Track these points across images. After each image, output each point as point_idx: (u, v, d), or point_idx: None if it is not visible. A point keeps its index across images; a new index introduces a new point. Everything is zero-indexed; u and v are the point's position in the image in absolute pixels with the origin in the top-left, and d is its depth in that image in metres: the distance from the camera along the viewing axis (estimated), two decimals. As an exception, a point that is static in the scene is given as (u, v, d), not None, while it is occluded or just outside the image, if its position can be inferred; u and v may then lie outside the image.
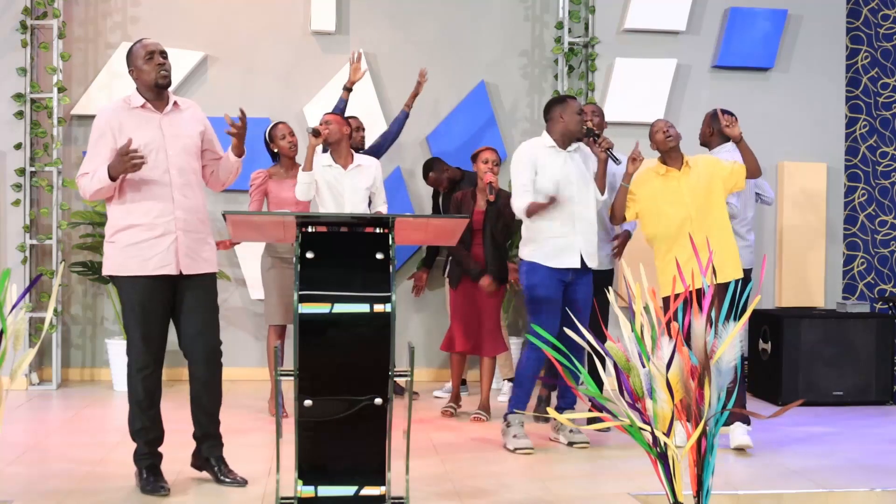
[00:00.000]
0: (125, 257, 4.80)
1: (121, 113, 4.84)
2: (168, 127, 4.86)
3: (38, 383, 7.81)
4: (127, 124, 4.79)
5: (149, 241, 4.77)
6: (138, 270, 4.78)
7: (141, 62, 4.84)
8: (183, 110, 4.97)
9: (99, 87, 8.05)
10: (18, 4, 7.70)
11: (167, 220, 4.79)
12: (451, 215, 6.68)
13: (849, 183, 8.71)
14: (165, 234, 4.78)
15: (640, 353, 4.00)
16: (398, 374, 4.15)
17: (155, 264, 4.77)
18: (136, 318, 4.81)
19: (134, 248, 4.78)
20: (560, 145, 6.01)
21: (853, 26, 8.72)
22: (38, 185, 7.80)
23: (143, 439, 4.91)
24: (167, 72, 4.84)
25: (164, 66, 4.83)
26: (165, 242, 4.77)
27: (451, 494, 4.94)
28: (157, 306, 4.83)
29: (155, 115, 4.87)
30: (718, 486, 4.78)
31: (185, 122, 4.94)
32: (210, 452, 5.05)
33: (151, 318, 4.82)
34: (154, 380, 4.89)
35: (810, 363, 7.55)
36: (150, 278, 4.78)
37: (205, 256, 4.92)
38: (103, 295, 8.13)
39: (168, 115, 4.89)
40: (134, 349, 4.85)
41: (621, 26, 8.36)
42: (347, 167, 6.59)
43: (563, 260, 5.91)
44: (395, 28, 8.39)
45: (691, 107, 8.33)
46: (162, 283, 4.82)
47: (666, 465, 3.95)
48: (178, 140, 4.86)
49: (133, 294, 4.81)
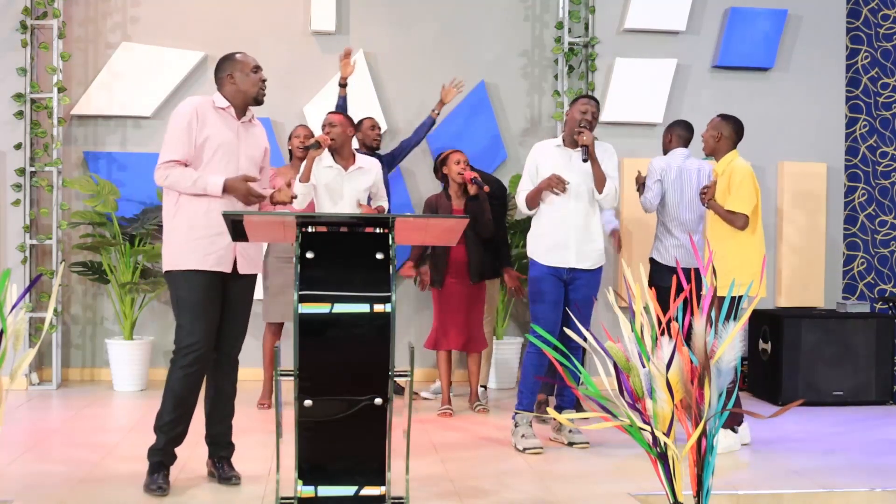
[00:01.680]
0: (185, 250, 4.87)
1: (206, 109, 4.98)
2: (243, 135, 5.03)
3: (38, 383, 7.81)
4: (209, 121, 4.93)
5: (210, 237, 4.87)
6: (198, 265, 4.86)
7: (245, 73, 5.02)
8: (255, 126, 5.15)
9: (99, 87, 8.05)
10: (18, 4, 7.70)
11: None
12: (450, 215, 6.70)
13: (849, 183, 8.71)
14: (225, 233, 4.77)
15: (640, 353, 4.00)
16: (398, 374, 4.15)
17: (213, 260, 4.87)
18: (192, 313, 4.86)
19: (195, 243, 4.86)
20: (567, 145, 6.02)
21: (853, 26, 8.72)
22: (38, 185, 7.80)
23: (165, 436, 4.92)
24: (264, 90, 5.08)
25: (265, 83, 5.07)
26: (225, 241, 4.83)
27: (450, 494, 4.94)
28: (213, 303, 4.90)
29: (234, 121, 5.03)
30: (718, 486, 4.79)
31: (256, 136, 5.13)
32: (216, 452, 5.10)
33: (209, 315, 4.89)
34: (196, 379, 4.91)
35: (810, 363, 7.55)
36: (208, 274, 4.87)
37: (255, 258, 5.08)
38: (103, 295, 8.13)
39: (244, 125, 5.07)
40: (184, 344, 4.86)
41: (621, 26, 8.36)
42: (348, 169, 6.59)
43: (555, 258, 5.93)
44: (395, 28, 8.39)
45: (691, 107, 8.34)
46: (216, 281, 4.91)
47: (666, 465, 3.95)
48: (248, 149, 5.03)
49: (188, 290, 4.86)
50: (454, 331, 7.01)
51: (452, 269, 6.98)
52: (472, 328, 7.07)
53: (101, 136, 8.15)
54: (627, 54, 8.34)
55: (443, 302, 7.06)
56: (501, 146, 8.40)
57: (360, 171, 6.61)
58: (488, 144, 8.31)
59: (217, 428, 5.09)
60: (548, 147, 6.07)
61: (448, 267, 6.99)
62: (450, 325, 7.02)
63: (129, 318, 7.74)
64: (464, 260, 6.97)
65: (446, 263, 6.99)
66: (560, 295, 5.94)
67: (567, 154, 6.00)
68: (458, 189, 6.98)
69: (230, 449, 5.14)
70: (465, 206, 6.93)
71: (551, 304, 5.91)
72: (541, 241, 5.98)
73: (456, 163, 6.95)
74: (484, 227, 6.93)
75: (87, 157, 8.08)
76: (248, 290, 5.07)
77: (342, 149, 6.61)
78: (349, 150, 6.65)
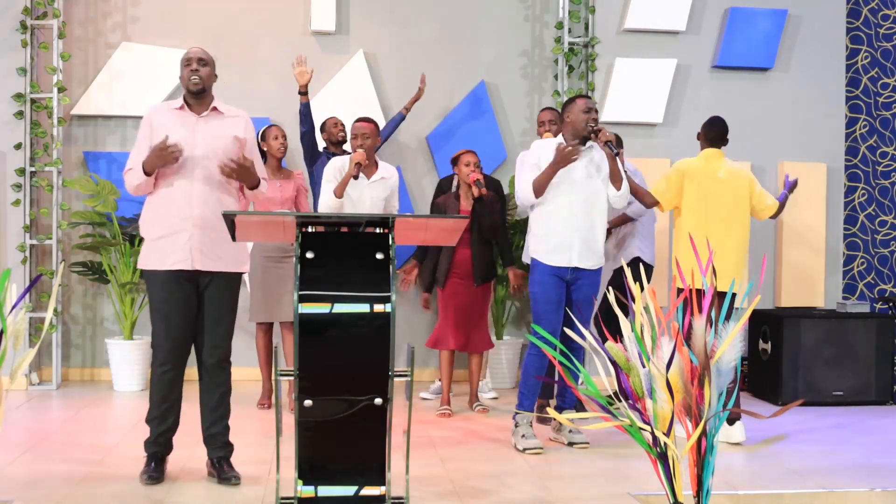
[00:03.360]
0: (148, 252, 4.97)
1: (163, 113, 5.04)
2: (202, 130, 5.00)
3: (38, 383, 7.80)
4: (164, 123, 4.97)
5: (168, 236, 4.91)
6: (158, 265, 4.93)
7: (181, 68, 5.06)
8: (225, 117, 5.09)
9: (99, 87, 8.05)
10: (18, 4, 7.70)
11: (184, 217, 4.90)
12: (451, 215, 6.70)
13: (849, 183, 8.71)
14: (181, 231, 4.89)
15: (640, 353, 4.00)
16: (398, 374, 4.15)
17: (172, 260, 4.90)
18: (158, 313, 4.97)
19: (156, 243, 4.95)
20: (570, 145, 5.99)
21: (853, 26, 8.72)
22: (38, 185, 7.80)
23: (153, 429, 5.07)
24: (199, 78, 4.99)
25: (198, 72, 4.99)
26: (182, 239, 4.88)
27: (450, 494, 4.94)
28: (176, 303, 4.93)
29: (192, 117, 5.01)
30: (718, 486, 4.79)
31: (223, 127, 5.05)
32: (213, 453, 5.10)
33: (171, 315, 4.94)
34: (172, 378, 5.00)
35: (810, 363, 7.55)
36: (170, 274, 4.90)
37: (224, 255, 4.98)
38: (103, 295, 8.13)
39: (205, 119, 5.03)
40: (156, 345, 5.00)
41: (621, 26, 8.36)
42: (370, 177, 6.43)
43: (558, 258, 5.91)
44: (395, 28, 8.39)
45: (691, 107, 8.34)
46: (183, 280, 4.92)
47: (666, 465, 3.95)
48: (208, 143, 4.98)
49: (154, 290, 4.97)
50: (455, 331, 7.02)
51: (457, 269, 6.99)
52: (474, 328, 7.07)
53: (101, 135, 8.15)
54: (627, 54, 8.34)
55: (446, 302, 7.07)
56: (501, 146, 8.40)
57: (382, 180, 6.47)
58: (488, 144, 8.31)
59: (211, 429, 5.10)
60: (549, 146, 6.02)
61: (452, 267, 6.99)
62: (451, 325, 7.04)
63: (128, 318, 7.74)
64: (468, 261, 6.98)
65: (450, 264, 6.99)
66: (562, 295, 5.93)
67: None
68: (467, 190, 6.99)
69: (228, 449, 5.14)
70: (473, 208, 6.93)
71: (553, 304, 5.90)
72: (544, 241, 5.95)
73: (466, 164, 6.95)
74: (487, 229, 6.94)
75: (87, 157, 8.08)
76: (223, 289, 5.01)
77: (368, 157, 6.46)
78: (373, 158, 6.48)
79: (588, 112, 5.90)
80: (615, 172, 5.91)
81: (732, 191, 6.33)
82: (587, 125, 5.88)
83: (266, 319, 7.05)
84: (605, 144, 5.82)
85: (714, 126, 6.45)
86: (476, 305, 7.07)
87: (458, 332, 7.04)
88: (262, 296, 7.01)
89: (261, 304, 7.03)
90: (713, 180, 6.33)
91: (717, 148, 6.43)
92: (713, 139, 6.45)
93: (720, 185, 6.31)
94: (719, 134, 6.45)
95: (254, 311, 7.08)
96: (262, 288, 7.00)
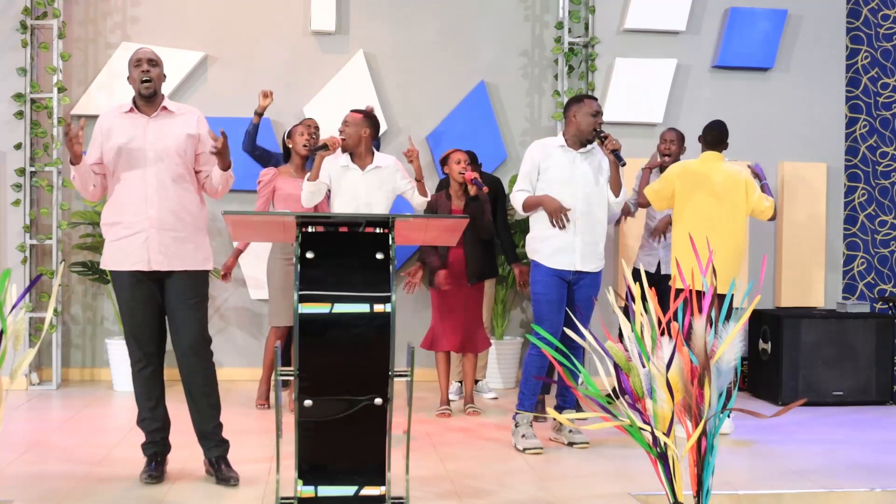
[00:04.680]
0: (109, 252, 5.00)
1: (112, 118, 5.01)
2: (153, 130, 4.96)
3: (38, 383, 7.81)
4: (114, 128, 4.95)
5: (126, 238, 4.93)
6: (118, 266, 4.96)
7: (130, 68, 5.00)
8: (176, 115, 5.04)
9: (99, 87, 8.05)
10: (18, 4, 7.71)
11: (140, 218, 4.91)
12: (450, 215, 6.69)
13: (849, 183, 8.71)
14: (139, 232, 4.91)
15: (640, 353, 4.00)
16: (398, 374, 4.15)
17: (131, 261, 4.93)
18: (124, 313, 5.04)
19: (115, 244, 4.97)
20: (571, 145, 5.97)
21: (853, 26, 8.72)
22: (38, 185, 7.81)
23: (145, 430, 5.11)
24: (149, 80, 4.93)
25: (148, 73, 4.93)
26: (139, 240, 4.90)
27: (450, 494, 4.94)
28: (140, 303, 4.97)
29: (142, 118, 4.97)
30: (718, 486, 4.78)
31: (174, 126, 5.00)
32: (209, 453, 5.10)
33: (137, 314, 4.98)
34: (149, 375, 5.06)
35: (810, 363, 7.55)
36: (131, 274, 4.94)
37: (183, 254, 4.96)
38: (103, 295, 8.13)
39: (156, 119, 4.99)
40: (129, 345, 5.07)
41: (621, 26, 8.36)
42: (365, 168, 6.41)
43: (560, 260, 5.91)
44: (396, 28, 8.39)
45: (691, 107, 8.34)
46: (145, 280, 4.95)
47: (666, 465, 3.95)
48: (160, 142, 4.94)
49: (118, 289, 5.03)
50: (450, 332, 6.96)
51: (449, 269, 6.94)
52: (469, 329, 7.01)
53: (101, 136, 8.14)
54: (627, 54, 8.34)
55: (440, 302, 7.03)
56: (501, 146, 8.40)
57: (377, 169, 6.41)
58: (488, 144, 8.30)
59: (201, 426, 5.08)
60: (550, 147, 6.02)
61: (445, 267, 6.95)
62: (446, 325, 6.98)
63: (128, 318, 7.73)
64: (461, 260, 6.94)
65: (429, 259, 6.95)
66: (563, 296, 5.93)
67: (571, 155, 5.96)
68: (458, 189, 6.95)
69: (224, 447, 5.12)
70: (465, 207, 6.90)
71: (555, 305, 5.89)
72: (546, 244, 5.94)
73: (456, 162, 6.90)
74: (483, 229, 6.90)
75: (87, 157, 8.07)
76: (186, 287, 4.97)
77: (357, 148, 6.39)
78: (366, 150, 6.42)
79: (596, 116, 5.90)
80: (616, 180, 5.93)
81: (728, 193, 6.45)
82: (594, 130, 5.88)
83: (288, 323, 6.83)
84: (611, 153, 5.84)
85: (713, 129, 6.61)
86: (470, 305, 7.00)
87: (453, 332, 6.97)
88: (282, 299, 6.85)
89: (281, 307, 6.86)
90: (709, 182, 6.45)
91: (716, 151, 6.57)
92: (712, 142, 6.60)
93: (716, 187, 6.43)
94: (718, 137, 6.59)
95: (273, 315, 6.95)
96: (283, 291, 6.85)
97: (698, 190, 6.44)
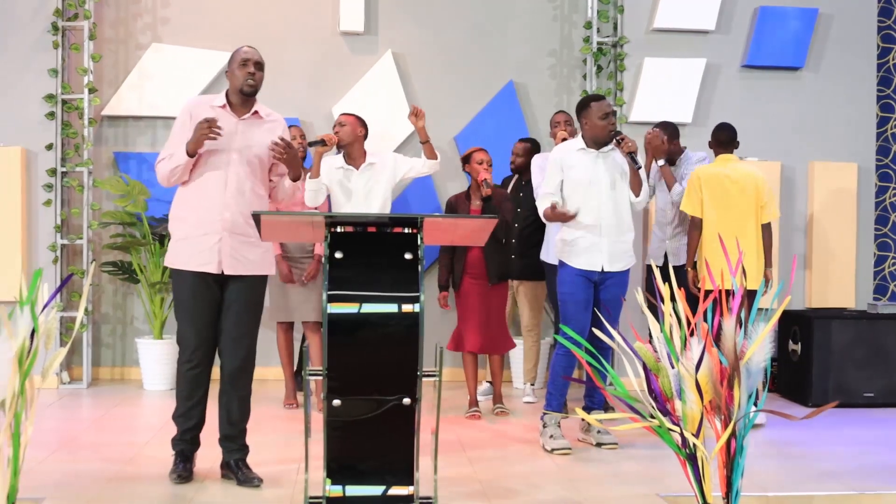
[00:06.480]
0: (175, 251, 4.98)
1: (203, 107, 5.00)
2: (241, 132, 4.98)
3: (68, 382, 7.86)
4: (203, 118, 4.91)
5: (196, 237, 4.91)
6: (184, 265, 4.94)
7: (235, 66, 5.02)
8: (264, 121, 5.07)
9: (129, 88, 8.10)
10: (50, 6, 7.77)
11: (214, 219, 4.90)
12: (479, 216, 6.68)
13: (880, 183, 8.64)
14: (210, 234, 4.89)
15: (669, 354, 3.99)
16: (426, 374, 4.15)
17: (199, 261, 4.91)
18: (183, 312, 4.99)
19: (183, 242, 4.95)
20: (591, 146, 5.98)
21: (884, 25, 8.65)
22: (69, 185, 7.86)
23: (179, 426, 5.10)
24: (255, 82, 5.00)
25: (254, 76, 4.99)
26: (210, 241, 4.89)
27: (478, 494, 4.94)
28: (202, 303, 4.95)
29: (232, 118, 4.99)
30: (748, 488, 4.76)
31: (262, 131, 5.04)
32: (229, 456, 5.11)
33: (197, 314, 4.95)
34: (195, 376, 5.02)
35: (841, 364, 7.50)
36: (195, 274, 4.92)
37: (251, 259, 4.98)
38: (133, 294, 8.18)
39: (245, 121, 5.02)
40: (181, 343, 5.02)
41: (650, 26, 8.33)
42: (359, 167, 6.64)
43: (586, 261, 5.90)
44: (424, 28, 8.40)
45: (720, 107, 8.30)
46: (209, 280, 4.93)
47: (695, 467, 3.94)
48: (245, 146, 4.96)
49: (179, 288, 4.98)
50: (473, 333, 6.94)
51: (470, 270, 6.94)
52: (493, 330, 6.98)
53: (132, 136, 8.20)
54: (656, 54, 8.31)
55: (461, 303, 7.03)
56: (530, 146, 8.38)
57: (371, 167, 6.65)
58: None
59: (229, 431, 5.09)
60: (570, 150, 6.03)
61: (465, 268, 6.94)
62: (469, 326, 6.98)
63: (158, 317, 7.78)
64: (480, 261, 6.93)
65: (463, 265, 6.95)
66: (590, 296, 5.92)
67: (592, 155, 5.96)
68: (477, 188, 6.96)
69: (245, 451, 5.13)
70: (483, 207, 6.91)
71: (581, 305, 5.89)
72: (572, 246, 5.94)
73: (478, 162, 6.93)
74: (499, 228, 6.86)
75: (118, 158, 8.13)
76: (248, 292, 5.00)
77: (351, 148, 6.66)
78: (360, 150, 6.68)
79: (606, 118, 5.90)
80: (635, 181, 5.93)
81: (744, 191, 6.64)
82: (609, 133, 5.89)
83: (285, 319, 7.04)
84: (627, 155, 5.84)
85: (723, 130, 6.83)
86: (493, 306, 6.99)
87: (477, 333, 6.95)
88: (281, 295, 7.02)
89: (281, 303, 7.02)
90: (727, 182, 6.66)
91: (728, 152, 6.79)
92: (723, 143, 6.82)
93: (733, 186, 6.64)
94: (728, 137, 6.82)
95: (273, 311, 7.06)
96: (282, 287, 7.00)
97: (718, 190, 6.64)
